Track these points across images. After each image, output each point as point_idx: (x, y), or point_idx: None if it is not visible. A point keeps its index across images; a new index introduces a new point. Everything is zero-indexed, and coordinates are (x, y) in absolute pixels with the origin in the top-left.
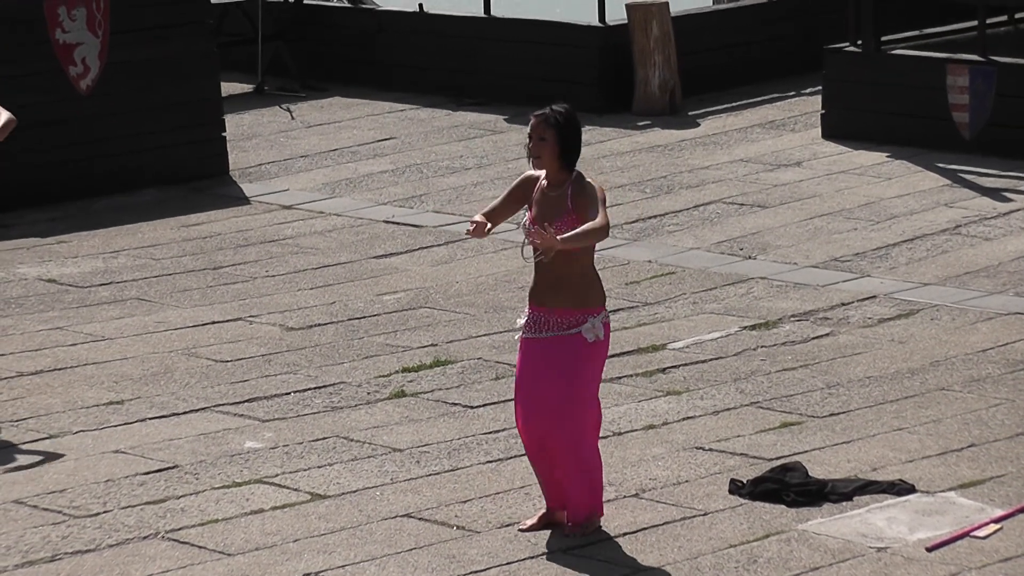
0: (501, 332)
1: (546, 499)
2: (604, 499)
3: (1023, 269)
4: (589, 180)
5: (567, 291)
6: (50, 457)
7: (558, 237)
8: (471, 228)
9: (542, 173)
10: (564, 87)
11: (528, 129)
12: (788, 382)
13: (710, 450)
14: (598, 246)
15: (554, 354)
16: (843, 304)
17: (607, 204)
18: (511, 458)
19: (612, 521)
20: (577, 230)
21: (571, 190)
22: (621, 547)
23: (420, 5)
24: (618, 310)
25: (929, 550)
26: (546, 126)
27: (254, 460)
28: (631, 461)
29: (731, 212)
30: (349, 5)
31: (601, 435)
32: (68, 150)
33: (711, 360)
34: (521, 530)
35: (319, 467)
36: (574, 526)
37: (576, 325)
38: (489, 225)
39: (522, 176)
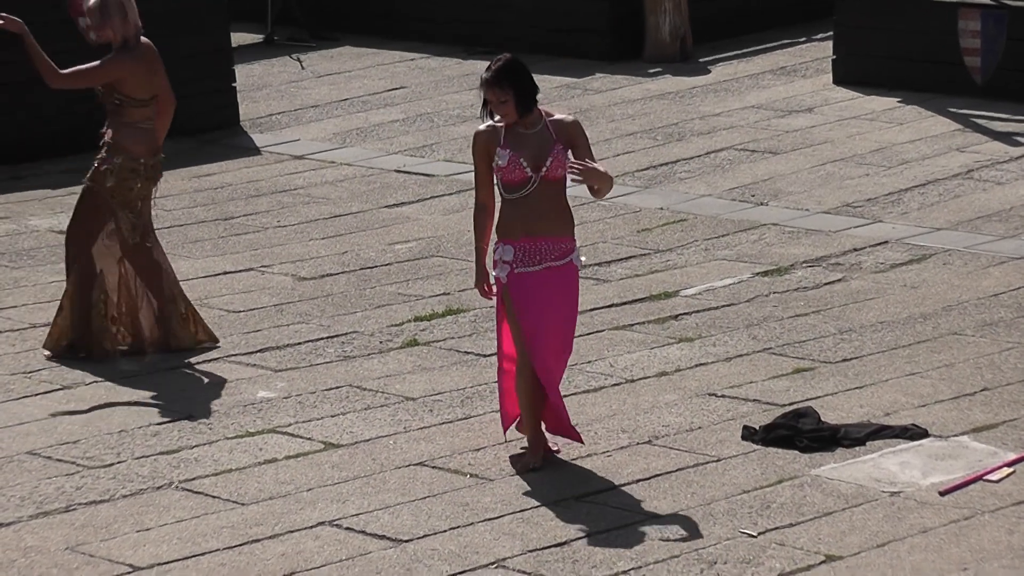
0: None
1: (533, 431)
2: (617, 446)
3: None
4: (567, 117)
5: (556, 219)
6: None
7: (596, 167)
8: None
9: (492, 122)
10: (574, 35)
11: (483, 95)
12: (800, 328)
13: (723, 396)
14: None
15: (555, 285)
16: (855, 250)
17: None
18: None
19: (625, 468)
20: (600, 169)
21: (550, 124)
22: (634, 494)
23: None
24: (630, 257)
25: (942, 494)
26: (501, 89)
27: (267, 410)
28: (644, 408)
29: (743, 159)
30: None
31: (614, 382)
32: (78, 102)
33: (723, 307)
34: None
35: (332, 416)
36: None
37: (566, 254)
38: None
39: (478, 142)
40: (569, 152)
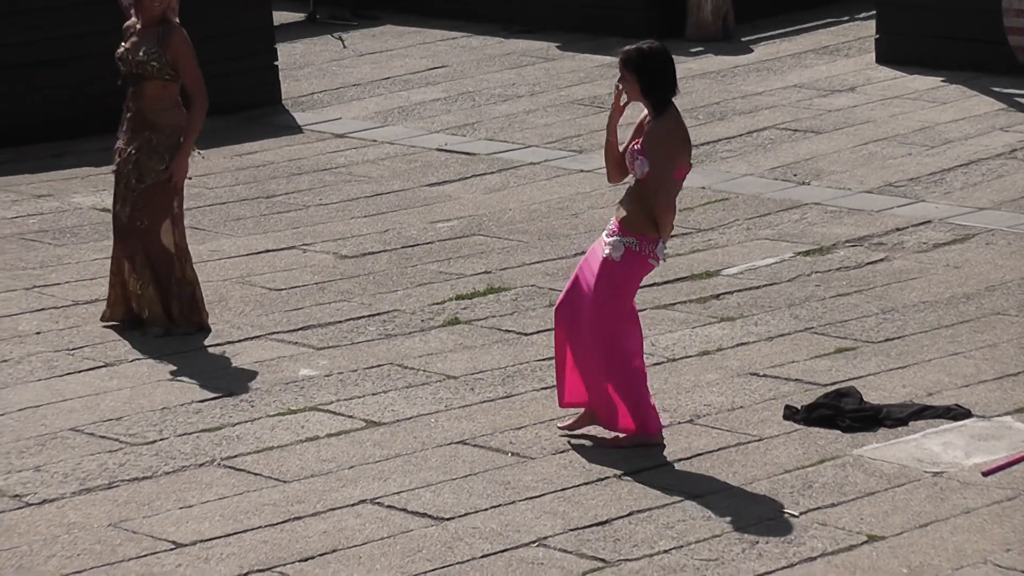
0: (554, 259)
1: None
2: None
3: None
4: (663, 128)
5: (630, 207)
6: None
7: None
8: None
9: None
10: (616, 13)
11: None
12: (843, 307)
13: (764, 376)
14: None
15: (589, 261)
16: (898, 229)
17: (663, 160)
18: None
19: (667, 447)
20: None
21: (646, 127)
22: (676, 472)
23: None
24: (671, 237)
25: (985, 475)
26: (625, 68)
27: (309, 388)
28: (685, 387)
29: (785, 138)
30: None
31: (655, 361)
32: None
33: (765, 286)
34: (560, 427)
35: (374, 394)
36: (608, 440)
37: (612, 234)
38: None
39: None
40: (643, 160)
